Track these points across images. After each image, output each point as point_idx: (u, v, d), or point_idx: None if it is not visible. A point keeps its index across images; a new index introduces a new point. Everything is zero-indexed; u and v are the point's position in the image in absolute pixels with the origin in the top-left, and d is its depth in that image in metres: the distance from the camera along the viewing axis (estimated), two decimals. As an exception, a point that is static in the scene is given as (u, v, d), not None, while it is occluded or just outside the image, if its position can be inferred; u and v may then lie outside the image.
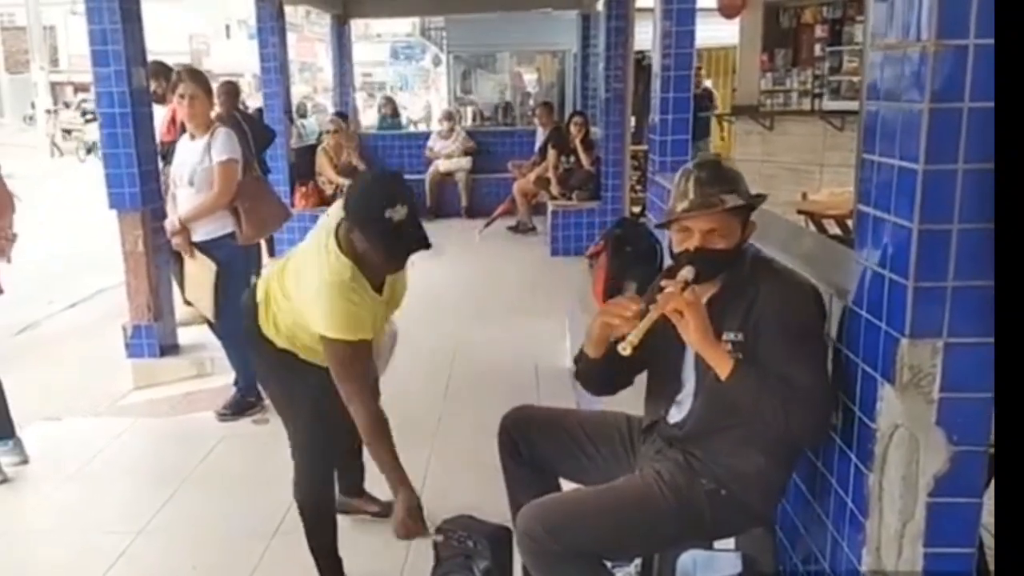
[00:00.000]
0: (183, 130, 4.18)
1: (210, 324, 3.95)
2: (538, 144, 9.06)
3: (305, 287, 2.28)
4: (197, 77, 3.82)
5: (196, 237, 3.76)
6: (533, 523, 1.87)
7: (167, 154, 4.94)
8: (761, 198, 1.92)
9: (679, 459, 1.91)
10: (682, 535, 1.92)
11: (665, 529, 1.89)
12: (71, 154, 20.64)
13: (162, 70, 5.09)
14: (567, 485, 2.27)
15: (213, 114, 4.00)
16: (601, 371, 2.04)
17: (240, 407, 3.88)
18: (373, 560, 2.73)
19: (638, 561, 2.28)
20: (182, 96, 3.71)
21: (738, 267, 1.88)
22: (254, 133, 5.52)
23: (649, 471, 1.93)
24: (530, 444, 2.17)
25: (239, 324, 3.45)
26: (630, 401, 2.23)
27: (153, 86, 4.76)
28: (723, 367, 1.78)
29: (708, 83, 10.11)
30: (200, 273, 3.78)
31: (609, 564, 2.31)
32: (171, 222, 3.82)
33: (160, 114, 5.02)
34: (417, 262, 2.36)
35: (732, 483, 1.86)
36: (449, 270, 7.11)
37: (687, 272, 1.83)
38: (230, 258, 3.76)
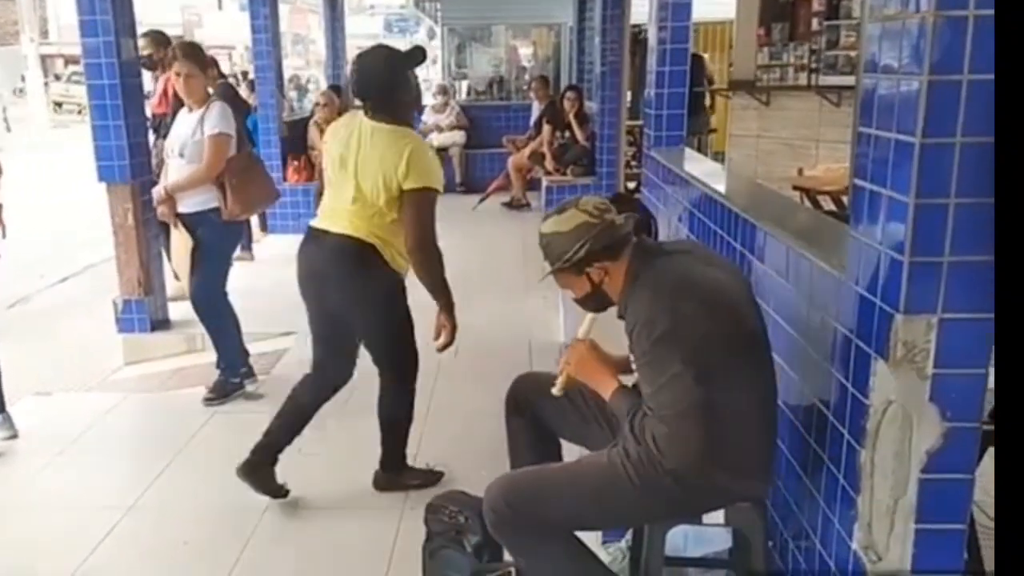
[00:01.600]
0: (177, 103, 4.12)
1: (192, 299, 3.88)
2: (534, 118, 8.99)
3: (398, 167, 2.60)
4: (191, 54, 3.75)
5: (181, 208, 3.70)
6: (496, 497, 1.92)
7: (159, 126, 4.89)
8: (568, 260, 1.89)
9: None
10: (651, 512, 1.92)
11: (630, 506, 1.90)
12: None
13: (162, 39, 5.04)
14: (570, 450, 2.28)
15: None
16: None
17: (225, 390, 3.82)
18: (364, 535, 2.74)
19: (628, 536, 2.29)
20: (177, 74, 3.66)
21: (622, 299, 1.91)
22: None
23: (619, 449, 1.91)
24: (535, 408, 2.24)
25: (214, 299, 3.69)
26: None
27: (150, 51, 4.71)
28: (606, 392, 1.98)
29: (706, 55, 10.01)
30: (184, 244, 3.75)
31: (602, 539, 2.33)
32: (158, 191, 3.78)
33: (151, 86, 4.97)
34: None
35: (696, 463, 1.82)
36: (443, 246, 7.07)
37: (589, 315, 2.07)
38: (211, 234, 3.70)
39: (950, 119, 1.45)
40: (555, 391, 2.11)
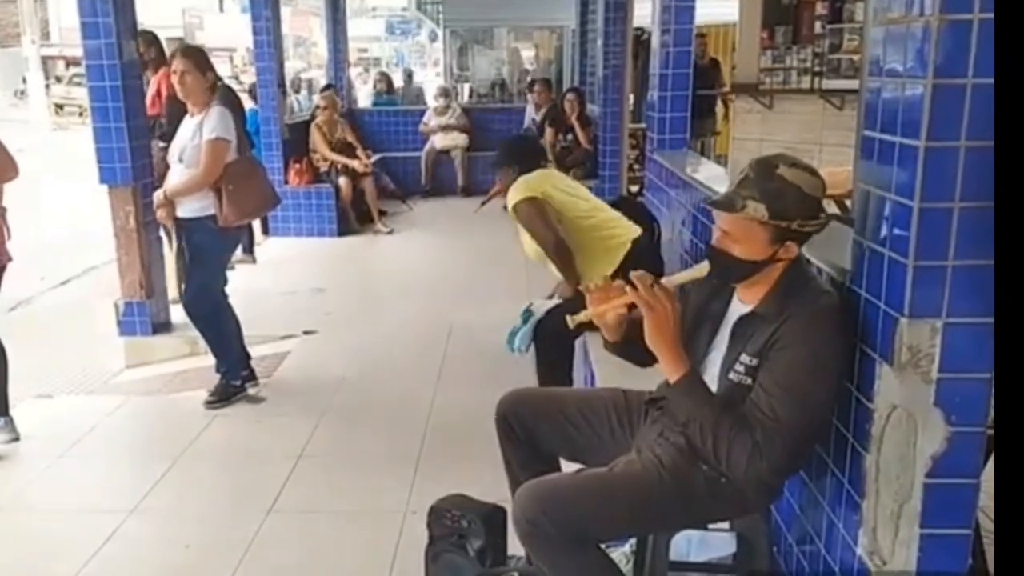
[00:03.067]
0: (171, 105, 4.11)
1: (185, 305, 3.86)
2: (526, 122, 9.04)
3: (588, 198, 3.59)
4: (190, 53, 3.77)
5: (179, 213, 3.70)
6: (531, 506, 1.83)
7: (153, 127, 4.89)
8: (801, 226, 1.70)
9: (681, 443, 1.87)
10: (680, 518, 1.91)
11: (664, 513, 1.88)
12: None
13: (151, 39, 5.05)
14: (566, 465, 2.26)
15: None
16: (629, 350, 1.99)
17: (226, 393, 3.81)
18: (366, 539, 2.73)
19: (633, 541, 2.28)
20: (174, 71, 3.66)
21: (777, 294, 1.76)
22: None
23: (649, 455, 1.90)
24: (527, 427, 2.16)
25: (208, 305, 3.78)
26: (626, 379, 2.21)
27: (142, 49, 4.72)
28: (673, 372, 1.78)
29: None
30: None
31: (606, 545, 2.31)
32: (157, 195, 3.78)
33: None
34: (412, 242, 2.35)
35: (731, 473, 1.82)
36: (445, 249, 7.08)
37: (702, 267, 1.82)
38: (207, 239, 3.69)
39: (954, 123, 1.44)
40: (573, 322, 1.91)
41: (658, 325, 1.77)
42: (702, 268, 1.83)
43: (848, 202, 4.97)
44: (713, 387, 1.83)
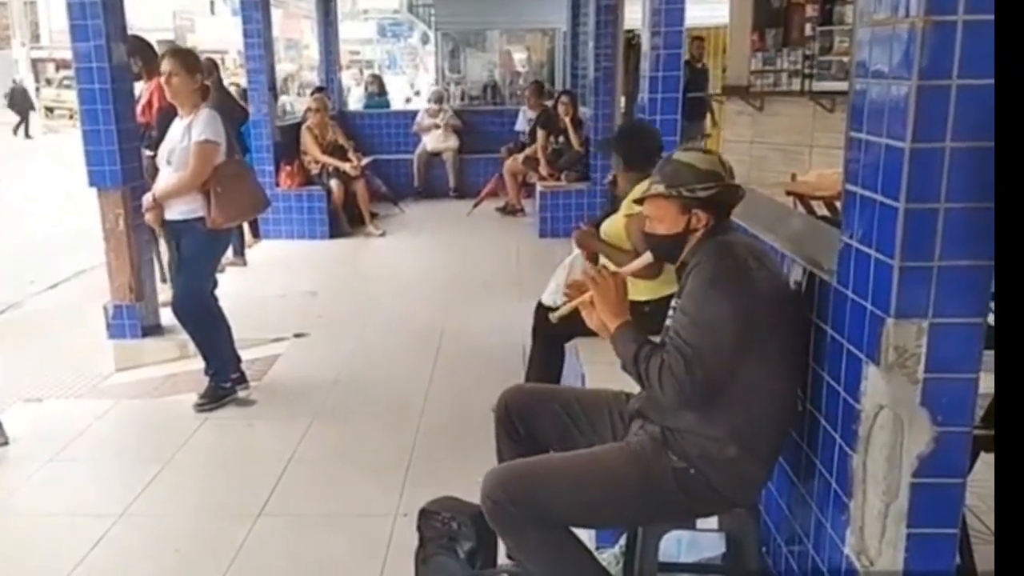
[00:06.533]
0: (160, 113, 4.08)
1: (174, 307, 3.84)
2: (518, 125, 9.07)
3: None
4: (178, 54, 3.76)
5: (168, 215, 3.68)
6: (494, 486, 1.91)
7: (142, 136, 4.87)
8: (693, 192, 1.94)
9: (655, 432, 1.92)
10: (649, 510, 1.92)
11: (628, 502, 1.90)
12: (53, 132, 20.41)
13: (144, 46, 5.01)
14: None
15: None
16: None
17: (216, 396, 3.78)
18: (357, 541, 2.73)
19: (622, 542, 2.28)
20: (162, 74, 3.66)
21: (697, 250, 1.95)
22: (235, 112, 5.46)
23: (620, 444, 1.95)
24: (526, 420, 2.21)
25: (195, 307, 3.76)
26: (614, 381, 2.22)
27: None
28: (612, 323, 1.96)
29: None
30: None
31: (595, 545, 2.32)
32: (146, 198, 3.77)
33: (138, 92, 4.94)
34: (404, 244, 2.36)
35: (701, 463, 1.85)
36: (437, 251, 7.09)
37: (646, 256, 2.14)
38: (195, 242, 3.67)
39: (939, 124, 1.45)
40: (555, 318, 2.23)
41: (600, 295, 1.99)
42: (646, 256, 2.14)
43: (838, 204, 5.00)
44: None
